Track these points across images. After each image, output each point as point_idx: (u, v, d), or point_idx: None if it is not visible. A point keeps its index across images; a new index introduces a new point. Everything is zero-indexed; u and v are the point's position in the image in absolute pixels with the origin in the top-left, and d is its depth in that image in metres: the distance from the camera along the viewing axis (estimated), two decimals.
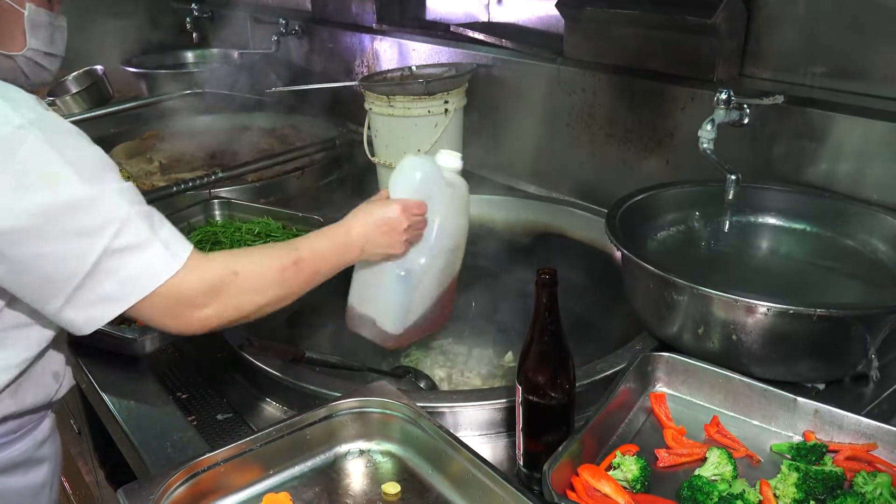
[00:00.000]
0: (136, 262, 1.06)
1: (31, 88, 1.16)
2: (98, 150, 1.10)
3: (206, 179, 2.19)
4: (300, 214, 1.89)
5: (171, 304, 1.10)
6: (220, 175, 2.22)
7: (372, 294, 1.50)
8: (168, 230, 1.12)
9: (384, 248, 1.37)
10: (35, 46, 1.23)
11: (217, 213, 1.97)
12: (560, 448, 1.04)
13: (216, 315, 1.14)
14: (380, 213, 1.35)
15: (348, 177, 2.45)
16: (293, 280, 1.22)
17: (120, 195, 1.07)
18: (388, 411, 1.17)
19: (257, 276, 1.18)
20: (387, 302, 1.48)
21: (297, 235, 1.81)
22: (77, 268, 1.04)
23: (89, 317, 1.08)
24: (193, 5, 3.66)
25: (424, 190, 1.42)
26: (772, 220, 1.59)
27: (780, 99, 1.60)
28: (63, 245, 1.03)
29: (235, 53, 3.50)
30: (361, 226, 1.34)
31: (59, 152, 1.03)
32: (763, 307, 1.18)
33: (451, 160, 1.50)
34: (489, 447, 1.26)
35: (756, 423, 1.19)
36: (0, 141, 1.01)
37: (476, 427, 1.27)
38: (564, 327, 1.07)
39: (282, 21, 3.22)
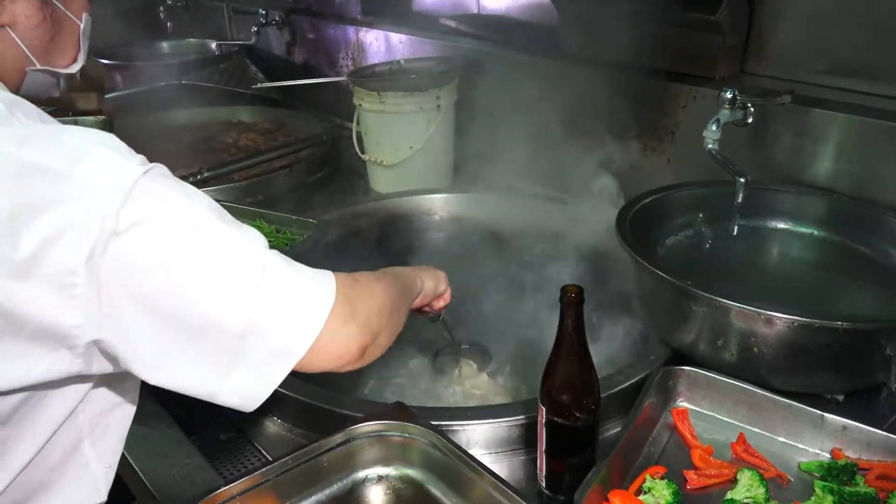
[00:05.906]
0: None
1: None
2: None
3: (190, 179, 2.11)
4: (294, 217, 1.83)
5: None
6: (206, 174, 2.15)
7: None
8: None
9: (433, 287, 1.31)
10: (83, 62, 1.13)
11: None
12: (589, 474, 1.00)
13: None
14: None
15: (337, 174, 2.39)
16: (389, 286, 1.08)
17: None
18: (406, 434, 1.12)
19: (366, 278, 1.05)
20: None
21: (293, 240, 1.75)
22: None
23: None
24: None
25: None
26: (782, 225, 1.56)
27: (787, 99, 1.57)
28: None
29: (213, 44, 3.41)
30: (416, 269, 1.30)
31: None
32: (787, 320, 1.15)
33: None
34: (505, 465, 1.22)
35: (781, 439, 1.16)
36: None
37: (491, 445, 1.23)
38: (589, 346, 1.04)
39: (261, 11, 3.14)
